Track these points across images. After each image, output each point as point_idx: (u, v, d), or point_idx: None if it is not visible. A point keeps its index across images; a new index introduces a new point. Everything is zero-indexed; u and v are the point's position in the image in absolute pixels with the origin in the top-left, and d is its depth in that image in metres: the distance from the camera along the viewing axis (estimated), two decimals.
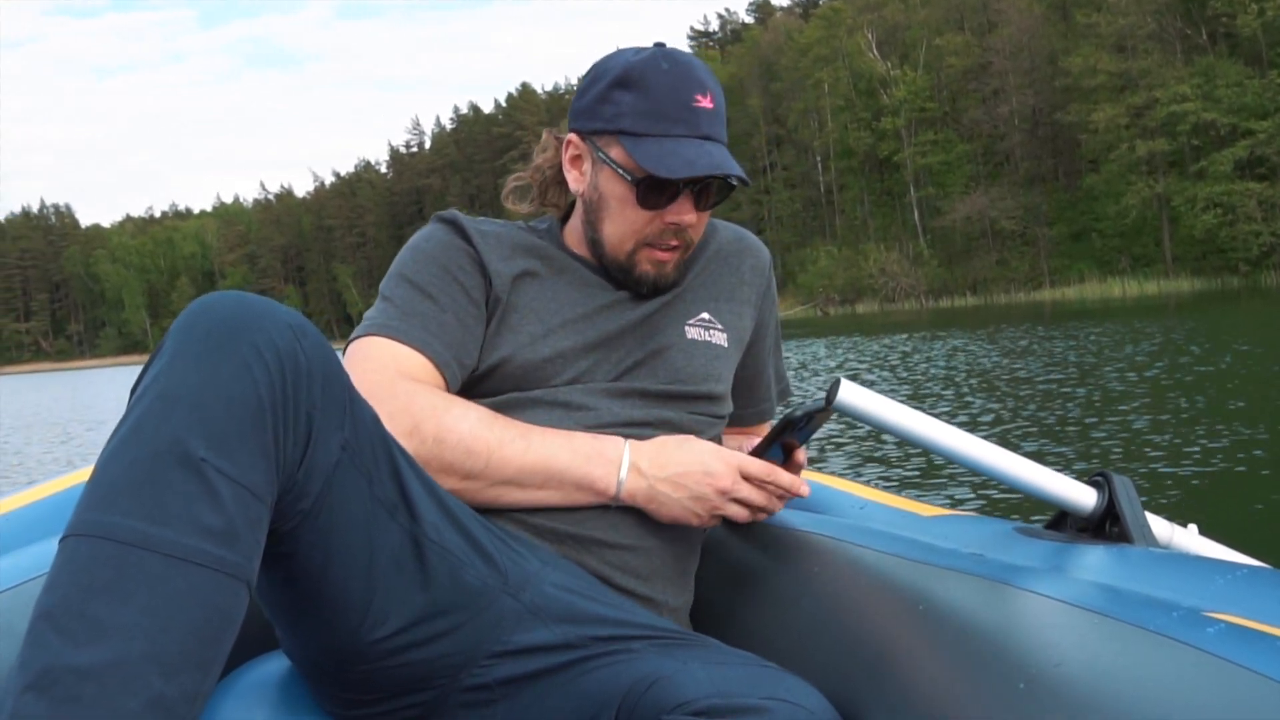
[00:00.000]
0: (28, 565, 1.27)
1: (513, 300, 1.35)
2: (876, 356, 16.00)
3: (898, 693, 1.03)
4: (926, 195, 58.37)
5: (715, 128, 1.32)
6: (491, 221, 1.42)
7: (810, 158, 67.09)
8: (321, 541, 0.99)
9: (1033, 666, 0.89)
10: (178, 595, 0.84)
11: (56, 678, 0.80)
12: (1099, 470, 1.29)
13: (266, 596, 1.07)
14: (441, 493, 1.12)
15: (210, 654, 0.86)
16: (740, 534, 1.43)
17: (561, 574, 1.20)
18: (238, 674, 1.22)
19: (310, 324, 0.98)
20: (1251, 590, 0.94)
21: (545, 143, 1.46)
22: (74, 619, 0.82)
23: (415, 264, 1.35)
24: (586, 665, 1.11)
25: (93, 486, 0.88)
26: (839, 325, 34.35)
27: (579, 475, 1.24)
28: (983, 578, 1.07)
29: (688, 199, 1.32)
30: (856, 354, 17.25)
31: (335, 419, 0.98)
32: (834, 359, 16.47)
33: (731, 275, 1.47)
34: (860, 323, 35.61)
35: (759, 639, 1.26)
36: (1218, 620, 0.84)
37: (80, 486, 1.81)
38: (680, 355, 1.37)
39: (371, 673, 1.09)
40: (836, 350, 18.89)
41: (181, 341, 0.92)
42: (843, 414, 1.27)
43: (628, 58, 1.32)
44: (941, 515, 1.48)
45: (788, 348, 20.13)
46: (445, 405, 1.24)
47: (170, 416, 0.88)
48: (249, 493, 0.89)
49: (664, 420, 1.33)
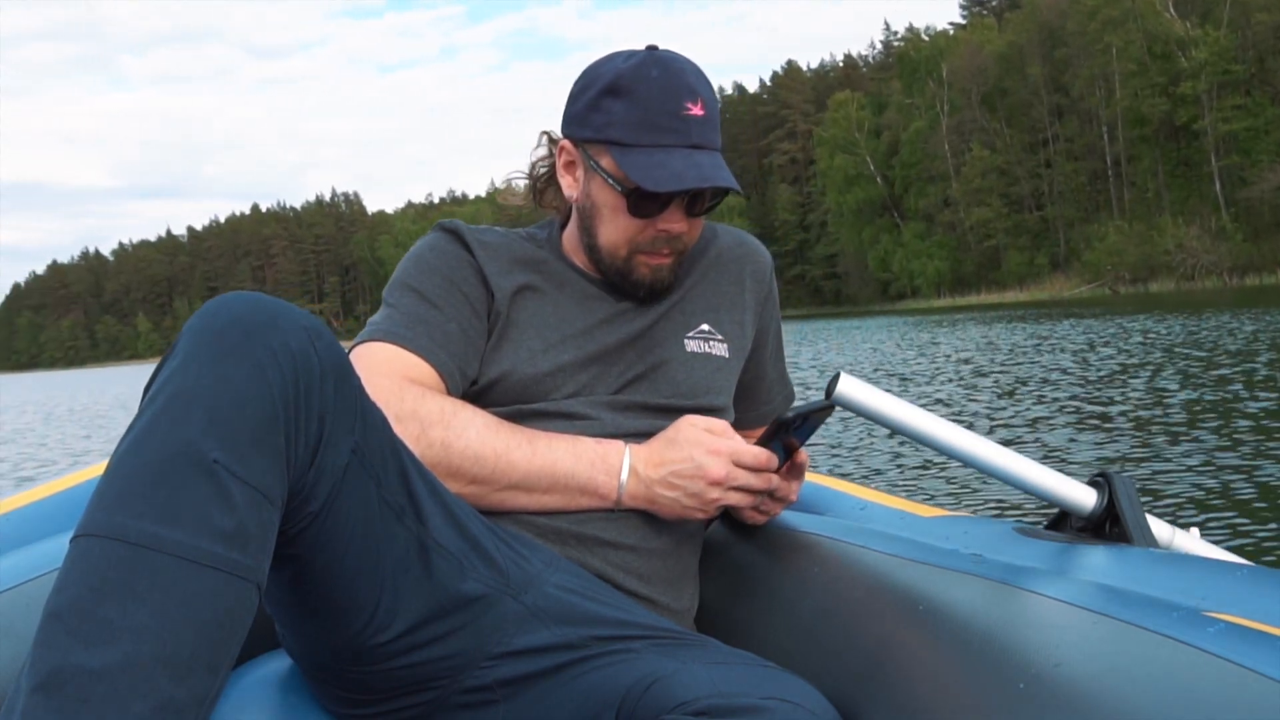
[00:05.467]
0: (29, 565, 1.26)
1: (513, 315, 1.35)
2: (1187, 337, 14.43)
3: (898, 693, 1.02)
4: (1230, 164, 53.02)
5: (706, 135, 1.31)
6: (493, 230, 1.43)
7: (1096, 127, 62.68)
8: (329, 543, 0.99)
9: (1033, 666, 0.88)
10: (189, 597, 0.84)
11: (66, 678, 0.79)
12: (1100, 471, 1.28)
13: (271, 596, 1.06)
14: (446, 495, 1.12)
15: (220, 656, 0.86)
16: (740, 534, 1.43)
17: (563, 575, 1.21)
18: (240, 673, 1.22)
19: (325, 326, 0.98)
20: (1251, 590, 0.94)
21: (540, 141, 1.45)
22: (84, 620, 0.81)
23: (420, 273, 1.36)
24: (587, 665, 1.11)
25: (105, 486, 0.87)
26: (1130, 305, 31.97)
27: (583, 480, 1.26)
28: (983, 578, 1.07)
29: (679, 207, 1.32)
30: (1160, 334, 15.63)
31: (346, 422, 0.98)
32: (1125, 340, 14.92)
33: (732, 283, 1.47)
34: (1154, 301, 33.15)
35: (759, 639, 1.26)
36: (1218, 620, 0.85)
37: (80, 486, 1.67)
38: (680, 369, 1.38)
39: (374, 673, 1.10)
40: (1125, 331, 17.21)
41: (195, 342, 0.92)
42: (843, 409, 1.25)
43: (618, 64, 1.32)
44: (941, 516, 1.48)
45: (1077, 327, 19.04)
46: (453, 410, 1.25)
47: (183, 418, 0.88)
48: (261, 495, 0.89)
49: None
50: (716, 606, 1.40)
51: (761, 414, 1.55)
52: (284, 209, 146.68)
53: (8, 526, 1.50)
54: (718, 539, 1.46)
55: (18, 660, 0.91)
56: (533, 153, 1.46)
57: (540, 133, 1.46)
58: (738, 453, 1.27)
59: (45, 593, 0.86)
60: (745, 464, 1.27)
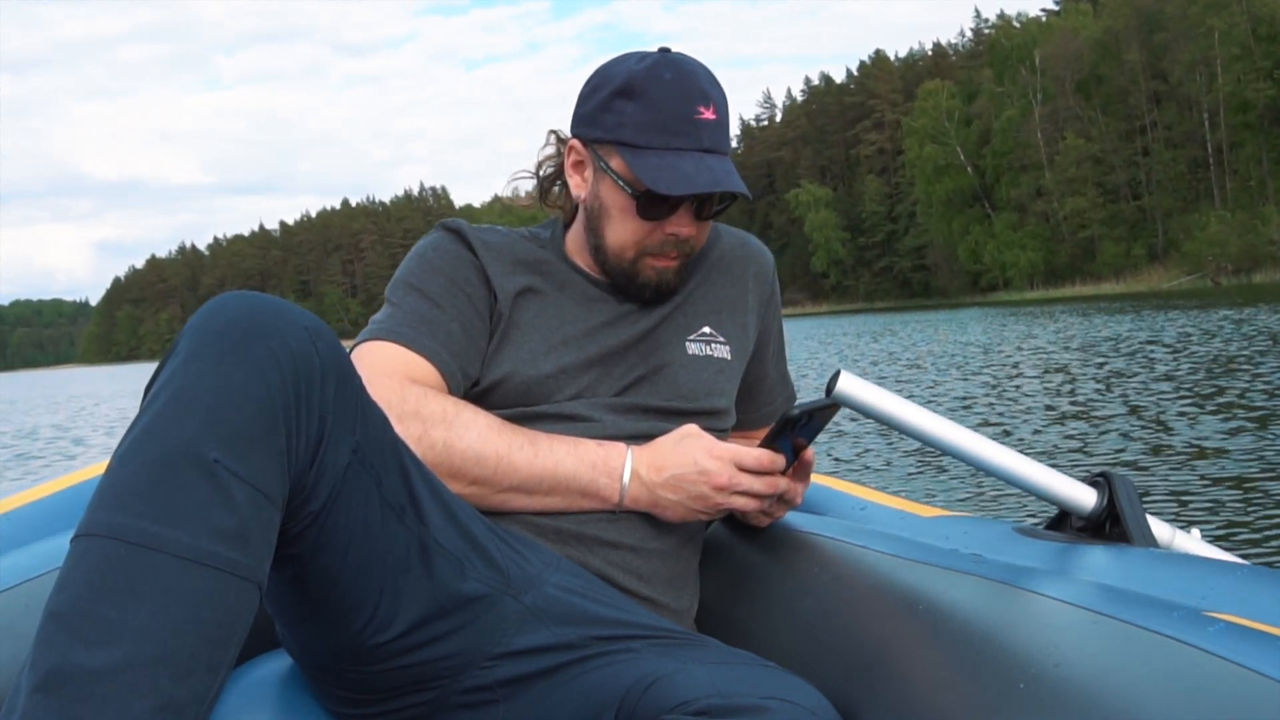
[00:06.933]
0: (29, 565, 1.26)
1: (515, 317, 1.35)
2: None
3: (898, 693, 1.02)
4: None
5: (717, 139, 1.31)
6: (495, 230, 1.42)
7: (1196, 114, 60.57)
8: (330, 543, 0.99)
9: (1033, 666, 0.88)
10: (189, 597, 0.84)
11: (66, 678, 0.79)
12: (1100, 470, 1.27)
13: (272, 596, 1.06)
14: (447, 495, 1.12)
15: (220, 656, 0.86)
16: (740, 535, 1.43)
17: (564, 575, 1.20)
18: (239, 672, 1.21)
19: (325, 326, 0.98)
20: (1251, 590, 0.94)
21: (547, 139, 1.45)
22: (85, 620, 0.81)
23: (422, 273, 1.35)
24: (587, 665, 1.12)
25: (105, 486, 0.87)
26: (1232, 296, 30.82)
27: (584, 483, 1.25)
28: (983, 578, 1.07)
29: (688, 211, 1.32)
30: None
31: (347, 422, 0.97)
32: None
33: (734, 284, 1.47)
34: (1257, 293, 31.84)
35: (759, 639, 1.26)
36: (1218, 620, 0.85)
37: (80, 485, 1.67)
38: (682, 372, 1.38)
39: (374, 673, 1.09)
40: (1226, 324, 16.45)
41: (196, 342, 0.91)
42: (843, 406, 1.25)
43: (631, 65, 1.31)
44: (941, 516, 1.47)
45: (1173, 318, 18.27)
46: (455, 411, 1.24)
47: (184, 418, 0.88)
48: (261, 495, 0.89)
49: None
50: (716, 606, 1.40)
51: (763, 415, 1.55)
52: (373, 203, 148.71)
53: (8, 526, 1.50)
54: (718, 539, 1.46)
55: (18, 660, 0.91)
56: (540, 151, 1.47)
57: (548, 131, 1.46)
58: (739, 456, 1.26)
59: (45, 592, 0.86)
60: (747, 466, 1.26)
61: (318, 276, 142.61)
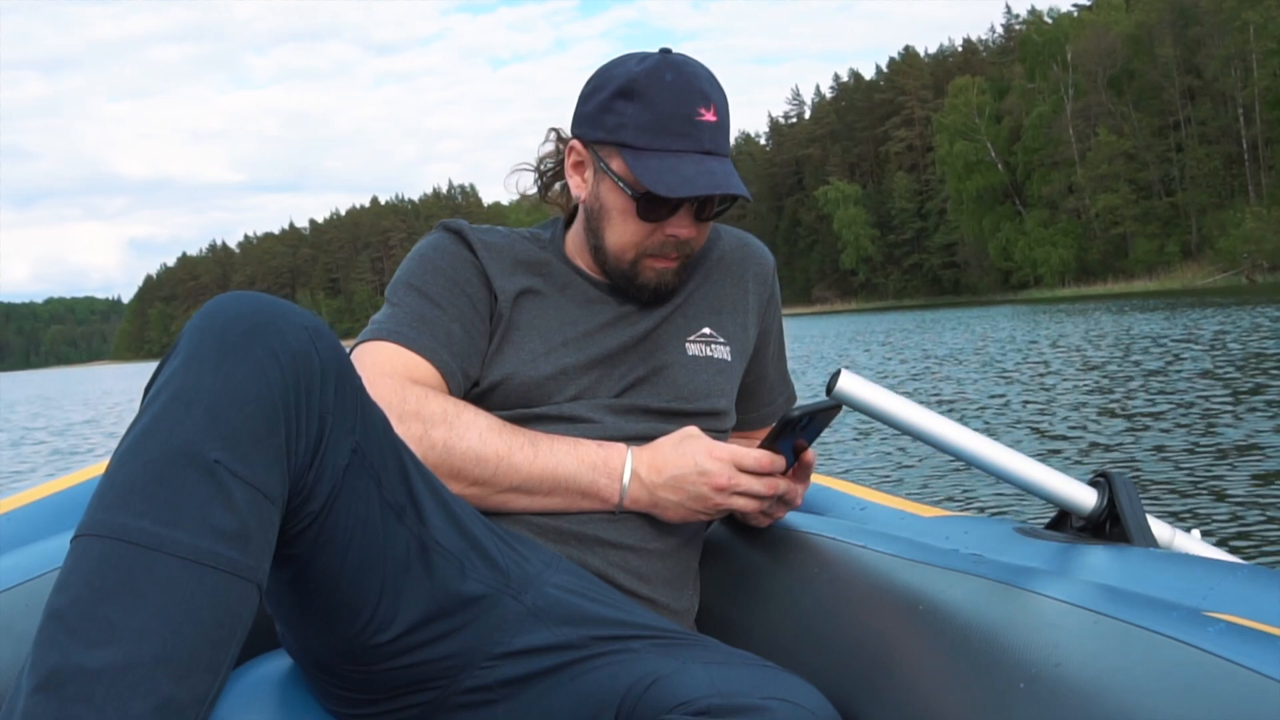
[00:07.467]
0: (29, 565, 1.26)
1: (515, 318, 1.35)
2: None
3: (898, 693, 1.02)
4: None
5: (717, 141, 1.30)
6: (495, 230, 1.42)
7: (1231, 109, 60.03)
8: (330, 543, 0.99)
9: (1033, 666, 0.88)
10: (190, 597, 0.84)
11: (67, 678, 0.79)
12: (1101, 470, 1.27)
13: (272, 596, 1.06)
14: (447, 495, 1.12)
15: (220, 656, 0.86)
16: (740, 535, 1.43)
17: (564, 575, 1.20)
18: (239, 672, 1.21)
19: (325, 326, 0.97)
20: (1251, 590, 0.94)
21: (547, 137, 1.45)
22: (85, 620, 0.81)
23: (423, 273, 1.35)
24: (586, 665, 1.11)
25: (105, 486, 0.87)
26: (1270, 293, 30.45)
27: (585, 484, 1.25)
28: (983, 578, 1.06)
29: (688, 212, 1.32)
30: None
31: (347, 422, 0.97)
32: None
33: (734, 285, 1.46)
34: None
35: (759, 639, 1.26)
36: (1218, 620, 0.84)
37: (80, 485, 1.66)
38: (682, 373, 1.37)
39: (374, 673, 1.09)
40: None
41: (196, 342, 0.91)
42: (844, 405, 1.24)
43: (631, 66, 1.31)
44: (941, 516, 1.46)
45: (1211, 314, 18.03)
46: (456, 411, 1.24)
47: (184, 418, 0.87)
48: (261, 495, 0.89)
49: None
50: (716, 606, 1.40)
51: (763, 415, 1.55)
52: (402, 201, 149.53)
53: (8, 526, 1.50)
54: (718, 539, 1.46)
55: (18, 660, 0.90)
56: (540, 149, 1.46)
57: (548, 129, 1.45)
58: (739, 457, 1.26)
59: (45, 592, 0.86)
60: (747, 467, 1.26)
61: (347, 274, 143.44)
